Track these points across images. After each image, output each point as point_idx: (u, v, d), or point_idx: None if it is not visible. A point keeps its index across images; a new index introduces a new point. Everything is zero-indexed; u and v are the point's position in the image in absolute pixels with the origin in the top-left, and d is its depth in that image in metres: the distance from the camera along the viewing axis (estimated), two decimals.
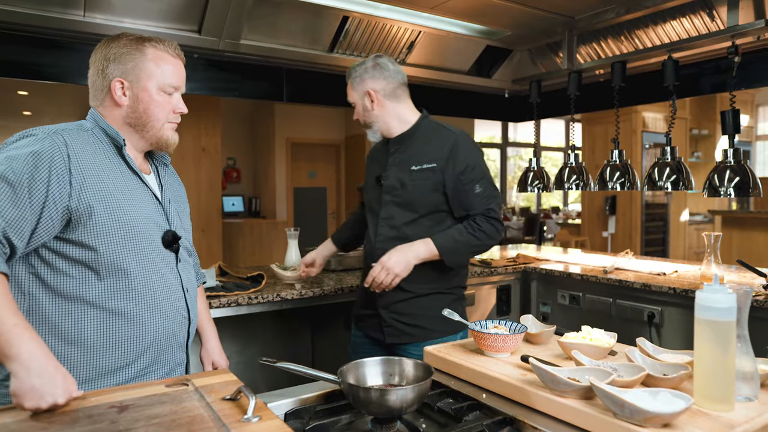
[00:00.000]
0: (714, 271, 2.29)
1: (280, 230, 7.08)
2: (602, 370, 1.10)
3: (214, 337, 1.64)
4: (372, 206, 2.00)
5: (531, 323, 1.54)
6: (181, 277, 1.39)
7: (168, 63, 1.35)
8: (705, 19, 2.42)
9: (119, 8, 2.23)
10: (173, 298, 1.36)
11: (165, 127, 1.37)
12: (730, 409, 1.01)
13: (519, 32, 2.90)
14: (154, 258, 1.31)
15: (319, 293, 2.36)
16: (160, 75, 1.34)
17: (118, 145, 1.32)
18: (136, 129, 1.35)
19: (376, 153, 2.09)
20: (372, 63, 1.93)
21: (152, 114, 1.34)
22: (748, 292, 1.07)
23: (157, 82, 1.34)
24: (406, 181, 1.89)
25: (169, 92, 1.36)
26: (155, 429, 0.93)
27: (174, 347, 1.37)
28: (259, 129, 8.28)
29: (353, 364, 1.21)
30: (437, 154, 1.87)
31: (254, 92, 2.88)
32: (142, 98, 1.33)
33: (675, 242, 7.18)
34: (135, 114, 1.33)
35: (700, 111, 7.88)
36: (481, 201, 1.86)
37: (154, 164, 1.46)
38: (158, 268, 1.32)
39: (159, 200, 1.38)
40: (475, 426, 1.07)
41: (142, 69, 1.32)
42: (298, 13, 2.54)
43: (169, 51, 1.36)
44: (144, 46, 1.33)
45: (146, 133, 1.36)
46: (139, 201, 1.31)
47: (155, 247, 1.33)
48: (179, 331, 1.38)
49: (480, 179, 1.86)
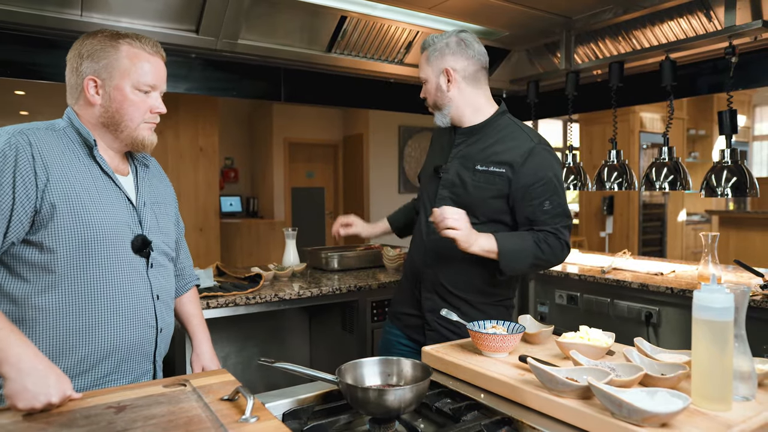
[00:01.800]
0: (711, 271, 2.30)
1: (278, 230, 7.07)
2: (600, 370, 1.10)
3: (206, 341, 1.58)
4: (426, 198, 1.81)
5: (529, 323, 1.54)
6: (151, 284, 1.33)
7: (144, 60, 1.30)
8: (702, 19, 2.43)
9: (116, 8, 2.22)
10: (140, 305, 1.30)
11: (141, 128, 1.32)
12: (728, 409, 1.01)
13: (517, 32, 2.90)
14: (120, 263, 1.26)
15: (317, 293, 2.36)
16: (135, 73, 1.28)
17: (89, 145, 1.28)
18: (110, 129, 1.30)
19: (439, 138, 1.88)
20: (456, 38, 1.71)
21: (126, 114, 1.29)
22: (745, 292, 1.07)
23: (131, 81, 1.28)
24: (467, 180, 1.70)
25: (145, 91, 1.31)
26: (153, 429, 0.93)
27: (138, 356, 1.32)
28: (256, 129, 8.27)
29: (351, 364, 1.21)
30: (508, 158, 1.66)
31: (252, 92, 2.88)
32: (115, 97, 1.28)
33: (672, 242, 7.19)
34: (108, 113, 1.29)
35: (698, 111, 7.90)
36: (551, 219, 1.66)
37: (134, 165, 1.40)
38: (125, 274, 1.27)
39: (132, 203, 1.32)
40: (474, 426, 1.07)
41: (116, 67, 1.27)
42: (296, 12, 2.54)
43: (146, 48, 1.31)
44: (118, 43, 1.28)
45: (120, 134, 1.31)
46: (108, 203, 1.26)
47: (123, 251, 1.27)
48: (145, 340, 1.32)
49: (551, 195, 1.66)
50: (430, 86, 1.75)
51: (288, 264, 2.72)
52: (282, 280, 2.56)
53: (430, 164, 1.84)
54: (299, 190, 8.19)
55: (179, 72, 2.62)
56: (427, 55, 1.74)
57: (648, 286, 2.43)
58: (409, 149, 7.90)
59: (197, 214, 6.07)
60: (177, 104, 5.85)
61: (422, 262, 1.79)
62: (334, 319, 2.67)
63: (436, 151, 1.86)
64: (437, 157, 1.83)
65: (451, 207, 1.61)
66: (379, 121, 7.65)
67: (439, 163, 1.78)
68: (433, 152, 1.90)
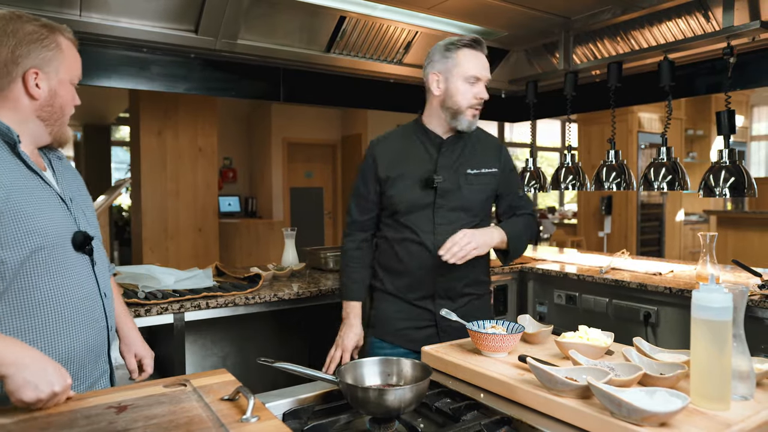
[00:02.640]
0: (709, 270, 2.30)
1: (277, 230, 7.07)
2: (599, 370, 1.10)
3: (133, 329, 1.52)
4: (419, 210, 1.79)
5: (528, 323, 1.55)
6: (98, 281, 1.28)
7: (75, 53, 1.27)
8: (700, 20, 2.43)
9: (115, 8, 2.22)
10: (91, 306, 1.24)
11: (65, 121, 1.29)
12: (727, 408, 1.01)
13: (515, 33, 2.91)
14: (68, 265, 1.20)
15: (316, 293, 2.36)
16: (74, 67, 1.26)
17: (11, 142, 1.17)
18: (46, 123, 1.24)
19: (405, 149, 1.83)
20: None
21: (67, 108, 1.26)
22: (744, 291, 1.07)
23: (71, 75, 1.25)
24: (462, 185, 1.78)
25: (75, 84, 1.28)
26: (154, 429, 0.93)
27: (95, 359, 1.27)
28: (255, 129, 8.27)
29: (351, 364, 1.21)
30: (491, 157, 1.84)
31: (251, 92, 2.87)
32: (60, 93, 1.23)
33: (670, 242, 7.20)
34: (50, 108, 1.23)
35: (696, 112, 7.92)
36: (526, 203, 1.94)
37: (48, 158, 1.31)
38: (73, 275, 1.21)
39: (63, 199, 1.25)
40: (473, 426, 1.08)
41: (61, 61, 1.22)
42: (295, 13, 2.54)
43: (71, 39, 1.27)
44: (56, 35, 1.23)
45: (54, 128, 1.26)
46: (43, 203, 1.18)
47: (67, 252, 1.20)
48: (99, 341, 1.27)
49: (520, 183, 1.91)
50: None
51: (287, 264, 2.72)
52: (281, 280, 2.56)
53: (411, 177, 1.78)
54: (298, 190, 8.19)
55: (178, 72, 2.62)
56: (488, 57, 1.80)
57: (646, 286, 2.44)
58: None
59: (196, 214, 6.06)
60: (176, 104, 5.85)
61: (436, 273, 1.78)
62: (333, 320, 2.67)
63: (411, 164, 1.80)
64: (417, 168, 1.79)
65: (456, 236, 1.65)
66: (378, 122, 7.66)
67: (426, 175, 1.77)
68: (406, 164, 1.81)
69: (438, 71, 1.78)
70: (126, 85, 2.51)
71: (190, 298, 2.09)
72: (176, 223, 5.92)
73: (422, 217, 1.78)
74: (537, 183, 3.25)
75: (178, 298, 2.07)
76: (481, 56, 1.77)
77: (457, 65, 1.74)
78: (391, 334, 1.86)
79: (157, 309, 2.00)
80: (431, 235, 1.76)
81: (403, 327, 1.84)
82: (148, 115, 5.70)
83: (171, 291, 2.15)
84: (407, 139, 1.86)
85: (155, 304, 2.00)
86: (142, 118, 5.67)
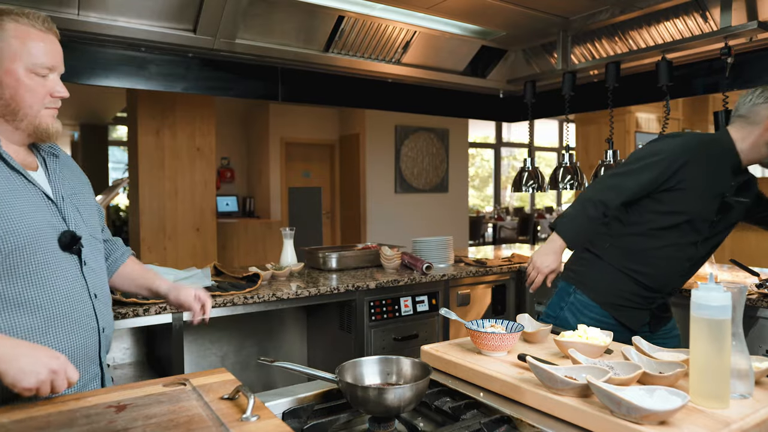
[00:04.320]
0: (708, 270, 2.30)
1: (275, 230, 7.06)
2: (599, 368, 1.10)
3: (176, 284, 1.49)
4: (702, 219, 1.78)
5: (527, 322, 1.55)
6: (87, 282, 1.23)
7: (36, 40, 1.17)
8: (698, 20, 2.44)
9: (113, 7, 2.22)
10: (78, 308, 1.20)
11: (42, 114, 1.19)
12: (726, 407, 1.02)
13: (514, 32, 2.91)
14: (52, 266, 1.16)
15: (315, 293, 2.36)
16: (27, 54, 1.15)
17: None
18: (7, 120, 1.17)
19: (716, 163, 1.80)
20: None
21: (23, 100, 1.16)
22: (742, 290, 1.08)
23: (24, 63, 1.15)
24: (739, 205, 1.82)
25: (43, 74, 1.18)
26: (153, 428, 0.93)
27: (84, 362, 1.22)
28: (253, 129, 8.26)
29: (351, 362, 1.21)
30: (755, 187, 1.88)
31: (249, 92, 2.87)
32: (7, 83, 1.14)
33: None
34: (2, 102, 1.16)
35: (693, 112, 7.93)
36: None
37: (41, 156, 1.27)
38: (58, 277, 1.17)
39: (51, 198, 1.21)
40: (473, 424, 1.08)
41: (3, 49, 1.14)
42: (294, 12, 2.54)
43: (35, 25, 1.17)
44: (2, 21, 1.15)
45: (20, 123, 1.18)
46: (26, 204, 1.14)
47: (52, 253, 1.16)
48: (89, 343, 1.23)
49: None
50: None
51: (286, 264, 2.72)
52: (280, 279, 2.56)
53: (713, 187, 1.78)
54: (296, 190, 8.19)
55: (176, 71, 2.61)
56: None
57: None
58: (406, 149, 7.91)
59: (194, 214, 6.06)
60: (174, 104, 5.84)
61: (685, 276, 1.89)
62: (331, 319, 2.67)
63: (718, 177, 1.79)
64: (718, 184, 1.78)
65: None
66: (376, 121, 7.66)
67: (722, 191, 1.77)
68: (714, 176, 1.79)
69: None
70: (124, 85, 2.50)
71: None
72: (174, 223, 5.92)
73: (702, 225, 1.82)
74: (535, 183, 3.26)
75: None
76: None
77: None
78: (609, 305, 1.85)
79: (155, 308, 1.99)
80: (704, 249, 1.87)
81: (621, 304, 1.85)
82: (145, 115, 5.69)
83: None
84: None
85: (154, 303, 2.00)
86: (140, 118, 5.66)
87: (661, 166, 1.72)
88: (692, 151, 1.73)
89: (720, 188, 1.76)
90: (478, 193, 15.05)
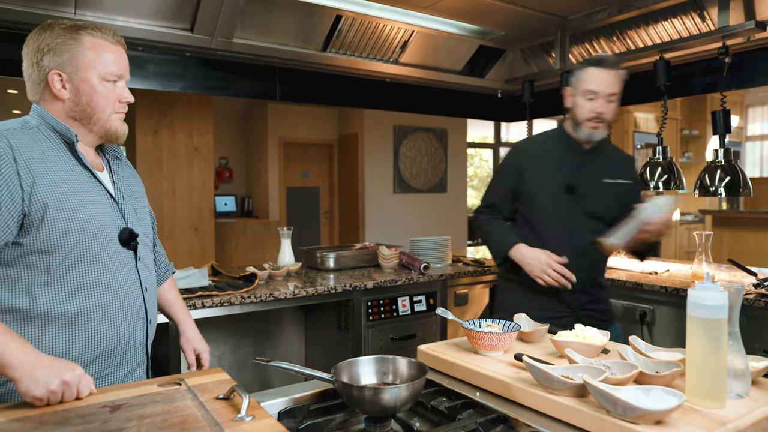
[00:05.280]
0: (705, 269, 2.31)
1: (273, 230, 7.06)
2: (595, 368, 1.10)
3: (191, 325, 1.61)
4: (553, 216, 1.92)
5: (524, 322, 1.55)
6: (140, 276, 1.35)
7: (108, 51, 1.28)
8: (696, 20, 2.44)
9: (110, 6, 2.22)
10: (131, 298, 1.31)
11: (112, 118, 1.31)
12: (722, 406, 1.01)
13: (512, 32, 2.91)
14: (111, 258, 1.27)
15: (313, 293, 2.35)
16: (100, 64, 1.27)
17: (70, 141, 1.26)
18: (82, 123, 1.29)
19: (545, 155, 1.97)
20: None
21: (97, 106, 1.28)
22: (739, 289, 1.07)
23: (98, 72, 1.27)
24: (597, 192, 1.90)
25: (113, 81, 1.29)
26: (148, 428, 0.93)
27: (132, 348, 1.33)
28: (251, 128, 8.25)
29: (347, 362, 1.21)
30: (629, 171, 1.98)
31: (247, 91, 2.87)
32: (83, 90, 1.26)
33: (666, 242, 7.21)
34: (78, 107, 1.27)
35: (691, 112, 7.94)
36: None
37: (106, 158, 1.39)
38: (116, 268, 1.28)
39: (113, 197, 1.33)
40: (469, 424, 1.07)
41: (81, 59, 1.25)
42: (292, 11, 2.53)
43: (107, 38, 1.29)
44: (80, 35, 1.26)
45: (93, 126, 1.30)
46: (93, 200, 1.26)
47: (112, 246, 1.28)
48: (136, 331, 1.34)
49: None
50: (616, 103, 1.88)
51: (283, 263, 2.71)
52: (277, 279, 2.55)
53: (554, 183, 1.91)
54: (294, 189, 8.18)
55: (174, 71, 2.61)
56: (621, 74, 1.86)
57: (642, 285, 2.44)
58: (404, 149, 7.90)
59: (192, 214, 6.05)
60: (172, 103, 5.83)
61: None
62: (329, 319, 2.67)
63: (554, 169, 1.93)
64: (561, 175, 1.91)
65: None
66: (374, 121, 7.65)
67: (569, 182, 1.90)
68: (548, 170, 1.94)
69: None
70: None
71: (186, 297, 2.09)
72: (172, 222, 5.91)
73: (557, 222, 1.93)
74: None
75: None
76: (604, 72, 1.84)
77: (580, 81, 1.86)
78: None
79: None
80: (568, 239, 1.92)
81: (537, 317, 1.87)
82: (143, 115, 5.68)
83: None
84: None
85: None
86: (138, 118, 5.65)
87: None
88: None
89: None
90: (476, 193, 15.03)
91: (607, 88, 1.82)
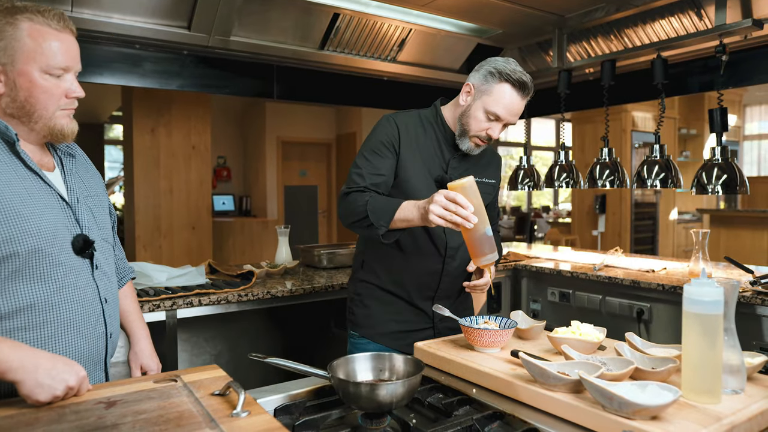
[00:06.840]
0: (702, 267, 2.31)
1: (271, 229, 7.06)
2: (591, 364, 1.10)
3: (144, 338, 1.48)
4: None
5: (521, 319, 1.55)
6: (98, 286, 1.21)
7: (52, 39, 1.12)
8: (693, 18, 2.44)
9: (107, 3, 2.21)
10: (88, 312, 1.18)
11: (57, 116, 1.16)
12: (718, 402, 1.02)
13: (509, 30, 2.91)
14: (64, 269, 1.14)
15: (310, 290, 2.35)
16: (42, 55, 1.11)
17: (10, 140, 1.12)
18: (22, 120, 1.14)
19: (424, 142, 1.74)
20: None
21: (38, 102, 1.13)
22: (735, 285, 1.08)
23: (38, 64, 1.11)
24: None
25: (57, 74, 1.14)
26: (143, 424, 0.93)
27: (90, 367, 1.21)
28: (249, 127, 8.25)
29: (343, 359, 1.21)
30: (495, 171, 1.87)
31: (245, 89, 2.86)
32: (21, 84, 1.11)
33: (664, 240, 7.23)
34: (16, 104, 1.12)
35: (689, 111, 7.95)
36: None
37: (58, 156, 1.24)
38: (70, 280, 1.15)
39: (66, 200, 1.19)
40: (465, 420, 1.07)
41: (17, 48, 1.09)
42: (289, 9, 2.53)
43: (51, 24, 1.12)
44: (16, 20, 1.09)
45: (35, 125, 1.15)
46: (41, 205, 1.12)
47: (65, 256, 1.14)
48: (96, 349, 1.22)
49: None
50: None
51: (280, 261, 2.71)
52: (274, 277, 2.55)
53: (427, 171, 1.72)
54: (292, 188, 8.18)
55: (171, 69, 2.60)
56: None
57: (639, 283, 2.44)
58: None
59: (189, 213, 6.04)
60: (169, 102, 5.82)
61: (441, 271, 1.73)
62: (326, 316, 2.67)
63: (426, 156, 1.74)
64: (432, 166, 1.73)
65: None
66: (372, 120, 7.65)
67: (438, 173, 1.72)
68: (423, 158, 1.73)
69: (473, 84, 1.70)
70: (118, 82, 2.49)
71: (183, 295, 2.08)
72: (170, 221, 5.90)
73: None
74: (531, 181, 3.26)
75: (170, 295, 2.06)
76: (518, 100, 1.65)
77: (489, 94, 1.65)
78: (385, 336, 1.75)
79: (149, 306, 1.98)
80: (440, 232, 1.71)
81: (394, 329, 1.74)
82: (141, 113, 5.67)
83: (163, 288, 2.14)
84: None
85: (147, 301, 1.99)
86: (135, 116, 5.64)
87: None
88: None
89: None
90: None
91: (513, 118, 1.66)
